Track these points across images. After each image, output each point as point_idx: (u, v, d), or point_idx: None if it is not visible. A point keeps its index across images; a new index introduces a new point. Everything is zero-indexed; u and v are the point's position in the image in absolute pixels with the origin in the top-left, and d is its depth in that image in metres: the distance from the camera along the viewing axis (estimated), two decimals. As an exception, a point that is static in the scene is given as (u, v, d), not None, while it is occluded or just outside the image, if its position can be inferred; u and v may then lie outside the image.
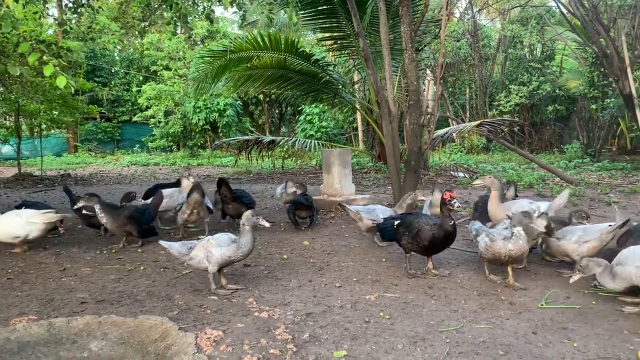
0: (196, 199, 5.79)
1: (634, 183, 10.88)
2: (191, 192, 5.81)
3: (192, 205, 5.82)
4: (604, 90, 16.95)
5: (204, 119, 20.60)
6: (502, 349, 3.05)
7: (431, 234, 4.26)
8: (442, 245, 4.37)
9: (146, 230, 5.68)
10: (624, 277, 3.52)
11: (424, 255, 4.58)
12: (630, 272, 3.48)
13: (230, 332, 3.26)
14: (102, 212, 5.44)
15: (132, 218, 5.52)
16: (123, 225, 5.51)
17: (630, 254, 3.59)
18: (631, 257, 3.54)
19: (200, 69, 12.82)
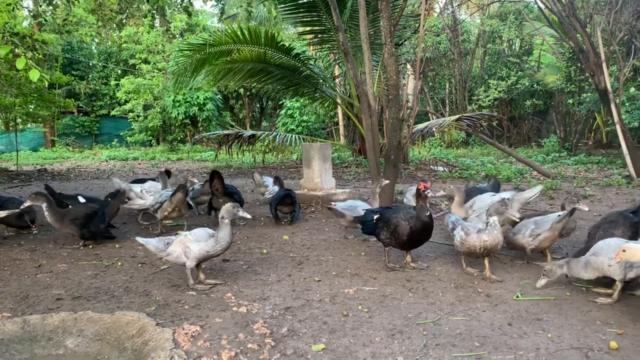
0: (179, 198, 5.76)
1: (609, 176, 11.08)
2: (176, 192, 5.77)
3: (175, 204, 5.79)
4: (581, 85, 17.20)
5: (184, 113, 20.41)
6: (478, 341, 3.09)
7: (409, 227, 4.28)
8: (421, 238, 4.40)
9: (96, 232, 5.48)
10: (596, 267, 3.61)
11: (404, 249, 4.61)
12: (603, 262, 3.58)
13: (208, 327, 3.25)
14: (48, 211, 5.32)
15: (76, 220, 5.34)
16: (64, 227, 5.34)
17: (605, 245, 3.68)
18: (605, 249, 3.63)
19: (179, 62, 12.68)
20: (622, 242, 3.67)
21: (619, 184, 9.86)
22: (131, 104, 22.21)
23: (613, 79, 14.22)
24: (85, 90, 25.29)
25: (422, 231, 4.31)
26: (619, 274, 3.57)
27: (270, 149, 13.61)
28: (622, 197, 8.52)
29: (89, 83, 25.82)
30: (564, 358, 2.86)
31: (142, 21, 8.87)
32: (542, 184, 8.92)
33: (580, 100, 16.70)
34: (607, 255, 3.58)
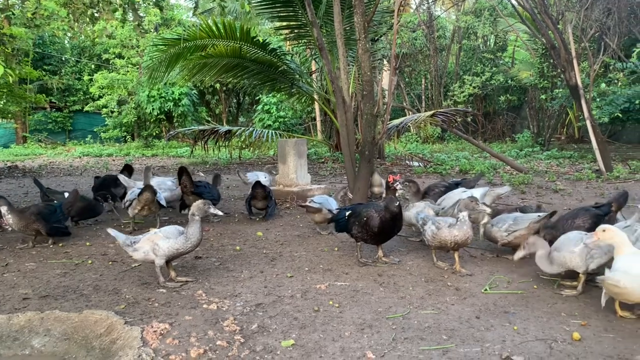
0: (147, 197, 5.70)
1: (580, 171, 11.31)
2: (143, 192, 5.70)
3: (143, 203, 5.72)
4: (553, 80, 17.50)
5: (159, 108, 20.17)
6: (446, 334, 3.14)
7: (379, 218, 4.33)
8: (391, 230, 4.44)
9: (55, 229, 5.39)
10: (559, 262, 3.69)
11: (375, 244, 4.65)
12: (565, 257, 3.66)
13: (178, 324, 3.23)
14: (9, 213, 5.22)
15: (40, 215, 5.24)
16: (30, 223, 5.22)
17: (566, 240, 3.77)
18: (566, 243, 3.72)
19: (153, 57, 12.51)
20: (581, 234, 3.80)
21: (589, 178, 10.07)
22: (105, 100, 21.87)
23: (584, 75, 14.50)
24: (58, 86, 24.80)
25: (392, 222, 4.36)
26: (582, 265, 3.67)
27: (247, 144, 13.53)
28: (591, 191, 8.71)
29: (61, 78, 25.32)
30: (528, 349, 2.92)
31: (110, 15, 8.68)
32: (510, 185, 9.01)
33: (552, 96, 16.99)
34: (569, 249, 3.67)
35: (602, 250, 3.66)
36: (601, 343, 2.98)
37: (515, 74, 20.85)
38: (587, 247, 3.65)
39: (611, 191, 8.59)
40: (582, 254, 3.65)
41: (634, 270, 3.17)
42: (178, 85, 19.84)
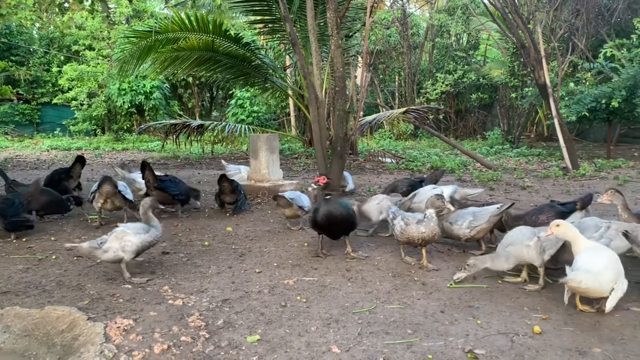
0: (107, 190, 5.58)
1: (548, 168, 11.54)
2: (102, 184, 5.58)
3: (104, 196, 5.61)
4: (524, 79, 17.79)
5: (130, 101, 19.81)
6: (411, 328, 3.17)
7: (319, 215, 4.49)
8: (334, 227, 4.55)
9: (15, 224, 5.25)
10: (516, 255, 3.78)
11: (331, 237, 4.73)
12: (522, 251, 3.76)
13: (142, 320, 3.20)
14: None
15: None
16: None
17: (518, 234, 3.86)
18: (519, 237, 3.82)
19: (124, 49, 12.28)
20: (529, 228, 3.93)
21: (556, 176, 10.28)
22: (74, 92, 21.36)
23: (553, 75, 14.79)
24: (26, 77, 24.13)
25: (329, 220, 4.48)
26: (537, 259, 3.77)
27: (220, 139, 13.42)
28: (558, 188, 8.89)
29: (29, 69, 24.65)
30: (491, 343, 2.97)
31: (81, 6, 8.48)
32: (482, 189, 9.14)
33: (522, 95, 17.27)
34: (522, 242, 3.77)
35: (551, 241, 3.80)
36: (561, 336, 3.05)
37: (487, 72, 21.13)
38: (540, 240, 3.76)
39: (577, 188, 8.80)
40: (537, 247, 3.76)
41: (595, 268, 3.25)
42: (150, 79, 19.51)
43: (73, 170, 6.80)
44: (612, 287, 3.24)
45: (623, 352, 2.84)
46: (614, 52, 14.78)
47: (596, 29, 17.68)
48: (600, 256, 3.34)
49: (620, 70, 13.76)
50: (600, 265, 3.26)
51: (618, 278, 3.28)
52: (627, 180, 9.46)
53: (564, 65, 14.44)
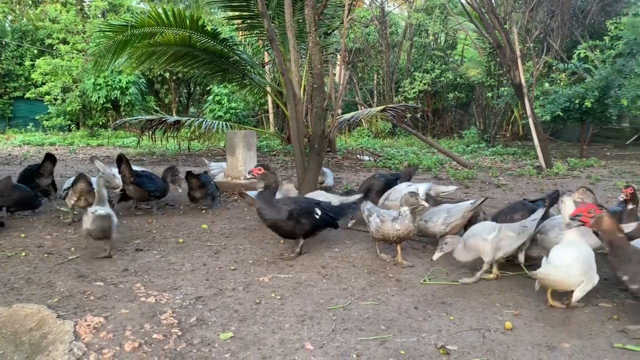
0: (82, 188, 5.47)
1: (522, 167, 11.71)
2: (76, 182, 5.47)
3: (78, 193, 5.51)
4: (500, 79, 18.02)
5: (105, 97, 19.52)
6: (385, 324, 3.19)
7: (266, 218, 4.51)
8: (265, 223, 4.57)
9: None
10: (473, 248, 3.86)
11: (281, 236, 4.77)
12: (478, 244, 3.82)
13: (113, 318, 3.15)
14: None
15: None
16: None
17: (480, 227, 3.96)
18: (480, 230, 3.89)
19: (100, 43, 12.09)
20: (491, 223, 4.03)
21: (530, 174, 10.43)
22: (48, 87, 20.94)
23: (528, 75, 15.00)
24: (-3, 71, 23.59)
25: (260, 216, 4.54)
26: (489, 254, 3.84)
27: (197, 136, 13.29)
28: (532, 186, 9.03)
29: (1, 63, 24.09)
30: (463, 339, 3.00)
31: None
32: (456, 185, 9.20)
33: (498, 94, 17.50)
34: (482, 236, 3.83)
35: (510, 240, 3.87)
36: (531, 332, 3.10)
37: (464, 71, 21.35)
38: (497, 237, 3.83)
39: (550, 187, 8.94)
40: (492, 243, 3.82)
41: (564, 262, 3.32)
42: (126, 74, 19.24)
43: (43, 167, 6.65)
44: (581, 280, 3.31)
45: (591, 347, 2.89)
46: (587, 54, 15.07)
47: (570, 30, 18.00)
48: (572, 250, 3.40)
49: (593, 71, 14.04)
50: (570, 259, 3.32)
51: (588, 272, 3.35)
52: (598, 179, 9.65)
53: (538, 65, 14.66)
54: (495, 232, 3.87)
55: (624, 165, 12.15)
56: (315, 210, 4.52)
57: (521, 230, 3.97)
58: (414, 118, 21.20)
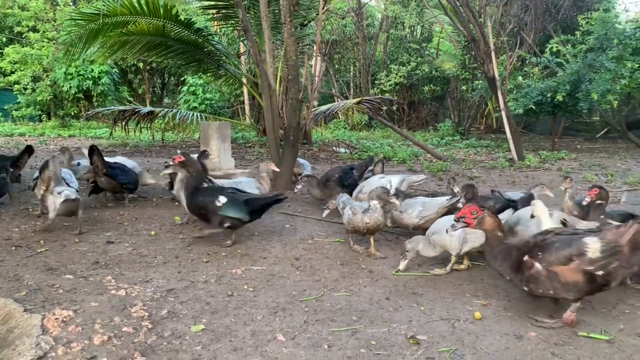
0: (49, 175, 5.35)
1: (495, 159, 11.88)
2: (43, 169, 5.34)
3: (47, 182, 5.38)
4: (474, 72, 18.22)
5: (77, 86, 19.12)
6: (356, 315, 3.21)
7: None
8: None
9: None
10: (440, 244, 3.92)
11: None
12: (445, 239, 3.89)
13: (82, 311, 3.10)
14: None
15: None
16: None
17: (445, 221, 4.01)
18: (445, 224, 3.93)
19: (71, 32, 11.82)
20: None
21: (502, 167, 10.60)
22: (17, 76, 20.42)
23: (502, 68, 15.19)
24: (-36, 59, 22.88)
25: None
26: (457, 248, 3.91)
27: (171, 127, 13.12)
28: (504, 178, 9.17)
29: (-33, 51, 23.38)
30: (433, 329, 3.04)
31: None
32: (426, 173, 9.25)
33: (473, 87, 17.69)
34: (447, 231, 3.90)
35: (476, 235, 3.93)
36: (500, 321, 3.16)
37: (439, 64, 21.51)
38: (464, 231, 3.89)
39: (522, 179, 9.11)
40: (459, 238, 3.89)
41: None
42: (98, 63, 18.87)
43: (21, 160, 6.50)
44: None
45: (556, 336, 2.96)
46: (559, 48, 15.31)
47: (543, 25, 18.26)
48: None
49: (565, 65, 14.29)
50: None
51: None
52: (569, 171, 9.85)
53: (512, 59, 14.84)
54: None
55: (593, 158, 12.43)
56: (219, 198, 4.47)
57: None
58: (390, 110, 21.28)
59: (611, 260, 2.91)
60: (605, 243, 2.93)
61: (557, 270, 2.97)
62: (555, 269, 2.98)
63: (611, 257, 2.91)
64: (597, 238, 2.96)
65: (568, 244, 2.99)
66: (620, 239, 2.92)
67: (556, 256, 2.99)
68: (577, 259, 2.94)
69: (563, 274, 2.97)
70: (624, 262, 2.92)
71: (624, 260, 2.91)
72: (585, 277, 2.94)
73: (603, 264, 2.91)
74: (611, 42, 12.83)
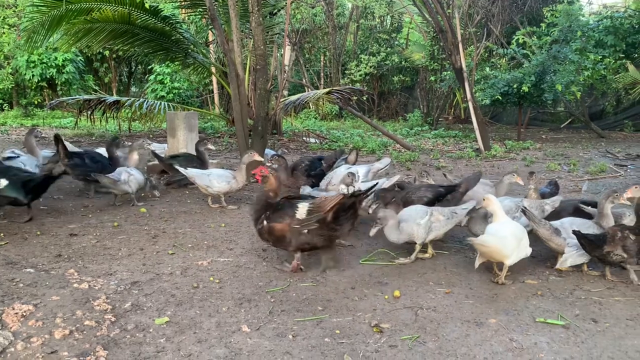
0: None
1: (462, 149, 12.06)
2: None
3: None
4: (443, 63, 18.38)
5: (40, 75, 18.57)
6: (322, 305, 3.24)
7: None
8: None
9: None
10: (407, 232, 3.98)
11: None
12: (412, 228, 3.95)
13: (43, 305, 3.05)
14: None
15: None
16: None
17: (412, 212, 4.07)
18: (413, 215, 4.00)
19: (33, 19, 11.47)
20: (424, 207, 4.15)
21: (469, 157, 10.76)
22: (-24, 63, 19.76)
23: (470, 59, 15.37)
24: None
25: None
26: (422, 237, 3.99)
27: (138, 116, 12.90)
28: (470, 168, 9.32)
29: None
30: (396, 317, 3.10)
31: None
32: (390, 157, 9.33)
33: (441, 78, 17.85)
34: (415, 220, 3.96)
35: (440, 224, 4.04)
36: (461, 309, 3.23)
37: (409, 55, 21.61)
38: (429, 221, 3.98)
39: (488, 168, 9.28)
40: (425, 227, 3.96)
41: (499, 234, 3.59)
42: (62, 51, 18.36)
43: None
44: (513, 251, 3.56)
45: (515, 322, 3.05)
46: (525, 39, 15.57)
47: (510, 16, 18.51)
48: (507, 226, 3.69)
49: (531, 56, 14.54)
50: (506, 232, 3.60)
51: (521, 244, 3.63)
52: (533, 161, 10.07)
53: (479, 50, 15.04)
54: (427, 217, 3.99)
55: (557, 147, 12.72)
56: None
57: (451, 215, 4.12)
58: (360, 101, 21.34)
59: (313, 222, 3.54)
60: (312, 208, 3.57)
61: (275, 226, 3.62)
62: (274, 225, 3.62)
63: (314, 219, 3.54)
64: (307, 203, 3.63)
65: (289, 207, 3.65)
66: (324, 206, 3.54)
67: (276, 215, 3.64)
68: (289, 218, 3.59)
69: (278, 230, 3.61)
70: (328, 226, 3.57)
71: (326, 225, 3.56)
72: (293, 233, 3.58)
73: (307, 224, 3.55)
74: (575, 34, 13.11)
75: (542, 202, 4.49)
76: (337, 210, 3.56)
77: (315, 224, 3.55)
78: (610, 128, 17.36)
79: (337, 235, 3.72)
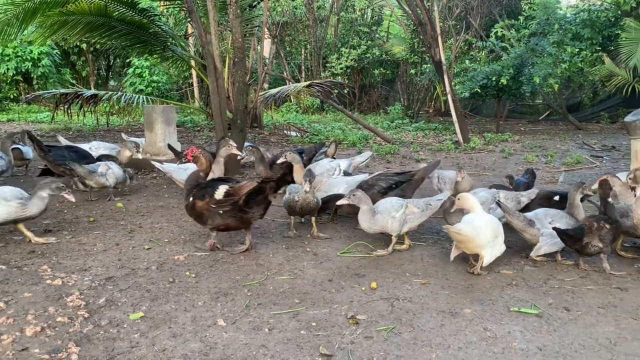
0: None
1: (442, 142, 12.13)
2: None
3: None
4: (423, 56, 18.43)
5: (15, 68, 18.22)
6: (299, 298, 3.24)
7: None
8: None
9: None
10: (381, 224, 4.00)
11: None
12: (387, 220, 3.98)
13: (15, 302, 3.01)
14: None
15: None
16: None
17: (387, 204, 4.10)
18: (388, 207, 4.02)
19: (7, 11, 11.23)
20: (399, 200, 4.16)
21: (448, 149, 10.83)
22: (-52, 56, 19.27)
23: (449, 52, 15.46)
24: None
25: None
26: (397, 230, 4.02)
27: (116, 110, 12.73)
28: (449, 160, 9.39)
29: None
30: (373, 308, 3.11)
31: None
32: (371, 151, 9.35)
33: (421, 71, 17.91)
34: (389, 213, 3.98)
35: (415, 216, 4.08)
36: (437, 299, 3.26)
37: (390, 48, 21.62)
38: (404, 214, 4.01)
39: (466, 160, 9.35)
40: (400, 220, 3.99)
41: (474, 223, 3.62)
42: (37, 44, 18.01)
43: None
44: (488, 242, 3.57)
45: (490, 312, 3.09)
46: (504, 32, 15.69)
47: (489, 9, 18.63)
48: (483, 218, 3.71)
49: (509, 49, 14.67)
50: (481, 223, 3.63)
51: (496, 239, 3.64)
52: (511, 153, 10.17)
53: (458, 43, 15.12)
54: (402, 210, 4.01)
55: (536, 139, 12.86)
56: None
57: (425, 207, 4.15)
58: (341, 94, 21.31)
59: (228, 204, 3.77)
60: (229, 190, 3.78)
61: (196, 202, 3.86)
62: (195, 202, 3.87)
63: (230, 201, 3.76)
64: (227, 185, 3.83)
65: (211, 187, 3.87)
66: (240, 190, 3.76)
67: (199, 193, 3.88)
68: (208, 197, 3.81)
69: (198, 207, 3.86)
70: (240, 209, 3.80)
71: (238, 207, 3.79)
72: (210, 212, 3.82)
73: (222, 205, 3.78)
74: (552, 27, 13.24)
75: (517, 194, 4.56)
76: (249, 194, 3.78)
77: (229, 205, 3.78)
78: (587, 120, 17.59)
79: (249, 217, 3.92)
